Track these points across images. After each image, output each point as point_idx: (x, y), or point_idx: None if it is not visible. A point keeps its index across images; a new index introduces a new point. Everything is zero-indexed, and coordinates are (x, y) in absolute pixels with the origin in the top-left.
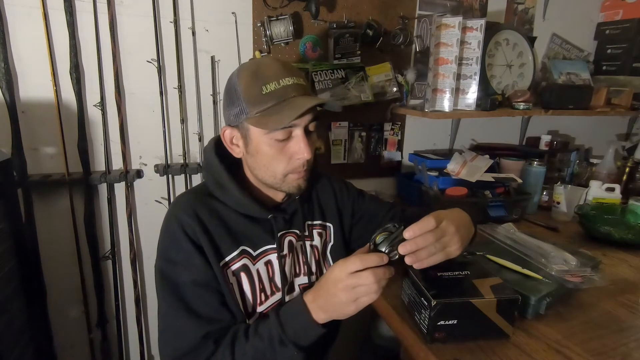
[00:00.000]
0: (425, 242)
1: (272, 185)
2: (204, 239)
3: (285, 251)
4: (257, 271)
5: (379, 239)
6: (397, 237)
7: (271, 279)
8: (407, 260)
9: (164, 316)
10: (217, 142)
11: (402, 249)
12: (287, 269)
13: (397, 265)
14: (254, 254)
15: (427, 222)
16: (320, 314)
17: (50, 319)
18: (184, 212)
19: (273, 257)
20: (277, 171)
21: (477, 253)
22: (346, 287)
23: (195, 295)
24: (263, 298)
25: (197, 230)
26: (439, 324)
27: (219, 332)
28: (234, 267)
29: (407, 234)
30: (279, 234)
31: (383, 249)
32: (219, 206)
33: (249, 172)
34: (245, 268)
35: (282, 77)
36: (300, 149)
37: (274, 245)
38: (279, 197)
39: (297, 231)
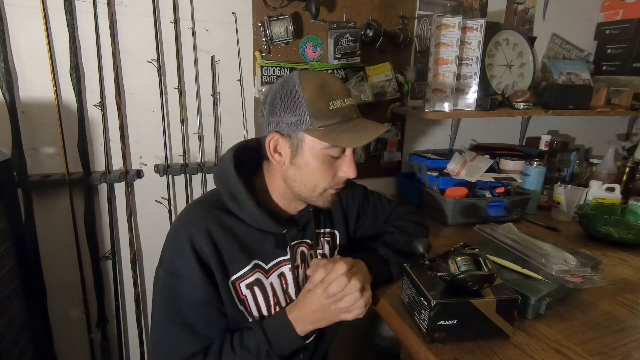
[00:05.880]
0: None
1: (305, 198)
2: (213, 257)
3: (298, 262)
4: (271, 284)
5: (460, 261)
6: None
7: (285, 291)
8: None
9: (160, 329)
10: (235, 153)
11: None
12: (300, 280)
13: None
14: (267, 267)
15: None
16: (307, 325)
17: (50, 319)
18: (196, 227)
19: (286, 269)
20: (320, 185)
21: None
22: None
23: (193, 312)
24: (278, 310)
25: (207, 248)
26: (438, 324)
27: (209, 348)
28: (247, 281)
29: None
30: (292, 243)
31: (463, 276)
32: (231, 220)
33: (275, 182)
34: (258, 282)
35: (346, 97)
36: (350, 169)
37: (287, 257)
38: (295, 209)
39: (309, 241)
